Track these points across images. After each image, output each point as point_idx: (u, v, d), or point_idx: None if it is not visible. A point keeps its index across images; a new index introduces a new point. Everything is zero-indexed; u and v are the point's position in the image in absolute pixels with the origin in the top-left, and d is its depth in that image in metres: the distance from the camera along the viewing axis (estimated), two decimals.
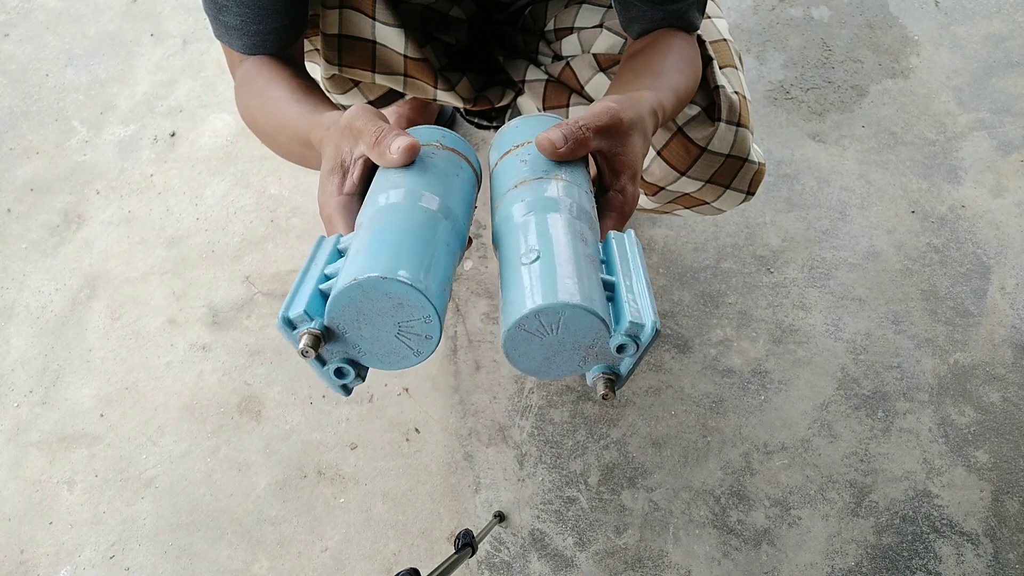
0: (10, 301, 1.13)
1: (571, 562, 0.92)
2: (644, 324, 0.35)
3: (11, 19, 1.44)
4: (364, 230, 0.39)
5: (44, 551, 0.95)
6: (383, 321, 0.36)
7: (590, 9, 0.76)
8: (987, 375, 1.03)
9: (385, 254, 0.36)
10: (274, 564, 0.93)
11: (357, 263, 0.35)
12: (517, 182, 0.43)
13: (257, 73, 0.60)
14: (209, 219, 1.19)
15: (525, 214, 0.40)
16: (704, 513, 0.95)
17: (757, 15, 1.39)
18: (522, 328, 0.35)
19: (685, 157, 0.70)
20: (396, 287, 0.34)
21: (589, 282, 0.36)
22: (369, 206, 0.41)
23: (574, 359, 0.37)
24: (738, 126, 0.70)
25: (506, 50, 0.84)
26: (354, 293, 0.34)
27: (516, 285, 0.36)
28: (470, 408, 1.02)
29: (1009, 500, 0.95)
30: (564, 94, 0.75)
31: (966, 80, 1.30)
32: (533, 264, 0.36)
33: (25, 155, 1.28)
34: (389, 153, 0.42)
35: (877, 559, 0.92)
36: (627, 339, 0.35)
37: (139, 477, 0.99)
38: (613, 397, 0.37)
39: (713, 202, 0.75)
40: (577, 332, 0.35)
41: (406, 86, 0.72)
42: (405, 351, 0.38)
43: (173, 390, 1.05)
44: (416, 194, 0.40)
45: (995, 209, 1.17)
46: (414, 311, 0.36)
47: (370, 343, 0.37)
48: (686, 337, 1.06)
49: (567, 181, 0.42)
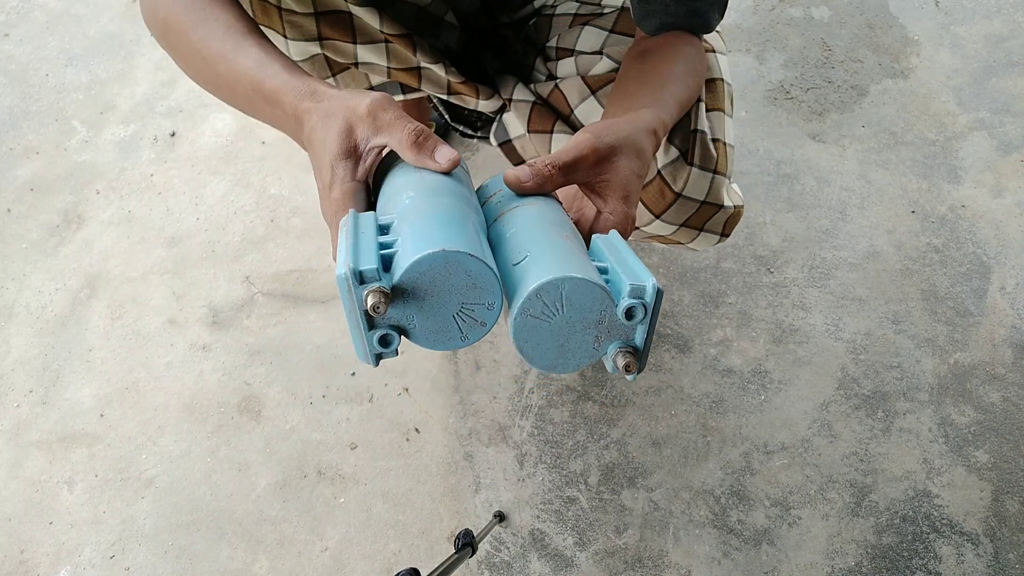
0: (10, 301, 1.13)
1: (571, 562, 0.92)
2: (645, 284, 0.36)
3: (11, 19, 1.45)
4: (426, 209, 0.39)
5: (44, 551, 0.95)
6: (450, 297, 0.36)
7: (593, 31, 0.74)
8: (987, 375, 1.03)
9: (464, 236, 0.36)
10: (274, 564, 0.93)
11: (438, 235, 0.35)
12: (497, 215, 0.45)
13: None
14: (209, 219, 1.19)
15: (510, 233, 0.41)
16: (704, 513, 0.95)
17: (757, 15, 1.39)
18: (527, 314, 0.35)
19: (660, 201, 0.70)
20: (477, 267, 0.35)
21: (581, 259, 0.37)
22: (413, 189, 0.41)
23: (587, 341, 0.38)
24: (714, 173, 0.70)
25: (501, 60, 0.82)
26: (437, 261, 0.34)
27: (513, 283, 0.37)
28: (470, 408, 1.02)
29: (1009, 500, 0.95)
30: (550, 120, 0.73)
31: (966, 80, 1.30)
32: (523, 261, 0.37)
33: (25, 155, 1.28)
34: (435, 161, 0.43)
35: (877, 559, 0.92)
36: (633, 301, 0.36)
37: (139, 477, 0.99)
38: (637, 371, 0.37)
39: (688, 243, 0.76)
40: (582, 307, 0.36)
41: (389, 55, 0.69)
42: (455, 332, 0.38)
43: (173, 390, 1.05)
44: (465, 198, 0.42)
45: (995, 209, 1.17)
46: (483, 295, 0.36)
47: (427, 315, 0.37)
48: (686, 337, 1.06)
49: (541, 204, 0.44)
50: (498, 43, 0.84)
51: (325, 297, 1.10)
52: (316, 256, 1.14)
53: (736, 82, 1.30)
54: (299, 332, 1.08)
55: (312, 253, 1.14)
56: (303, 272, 1.13)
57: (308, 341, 1.07)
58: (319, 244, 1.14)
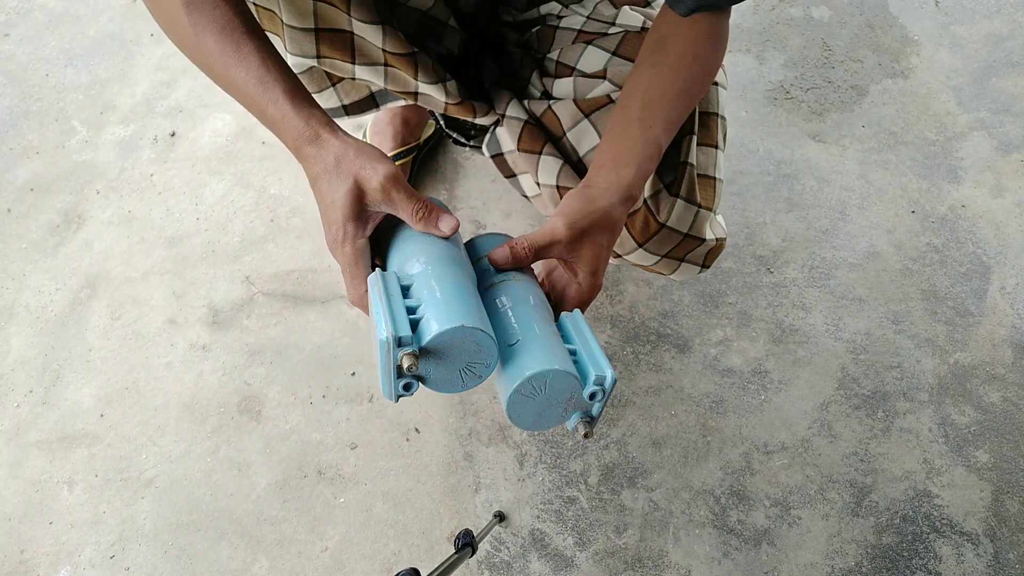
0: (10, 301, 1.13)
1: (571, 562, 0.92)
2: (606, 375, 0.48)
3: (11, 19, 1.45)
4: (440, 279, 0.49)
5: (44, 551, 0.95)
6: (459, 357, 0.47)
7: (596, 52, 0.73)
8: (987, 375, 1.03)
9: (476, 313, 0.47)
10: (274, 564, 0.93)
11: (456, 311, 0.46)
12: (488, 284, 0.55)
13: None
14: (209, 219, 1.19)
15: (502, 307, 0.53)
16: (704, 513, 0.95)
17: (757, 15, 1.39)
18: (520, 393, 0.47)
19: (645, 230, 0.71)
20: (483, 338, 0.46)
21: (560, 352, 0.49)
22: (424, 255, 0.52)
23: (558, 411, 0.50)
24: (699, 207, 0.70)
25: (499, 69, 0.81)
26: (456, 333, 0.45)
27: (507, 359, 0.49)
28: (470, 408, 1.02)
29: (1009, 500, 0.95)
30: (539, 141, 0.74)
31: (966, 80, 1.30)
32: (517, 345, 0.49)
33: (25, 155, 1.28)
34: (439, 229, 0.52)
35: (877, 559, 0.92)
36: (596, 387, 0.48)
37: (139, 477, 0.99)
38: (592, 435, 0.51)
39: (669, 275, 0.78)
40: (559, 389, 0.48)
41: (387, 78, 0.70)
42: (459, 382, 0.49)
43: (173, 390, 1.05)
44: (464, 263, 0.53)
45: (995, 209, 1.17)
46: (484, 356, 0.47)
47: (440, 370, 0.47)
48: (686, 337, 1.06)
49: (523, 280, 0.55)
50: (498, 44, 0.84)
51: (325, 297, 1.10)
52: (316, 256, 1.14)
53: (736, 82, 1.30)
54: (299, 332, 1.08)
55: (312, 253, 1.14)
56: (303, 272, 1.13)
57: (308, 341, 1.07)
58: (319, 244, 1.14)
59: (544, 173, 0.74)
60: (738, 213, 1.17)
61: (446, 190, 1.20)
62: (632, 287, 1.10)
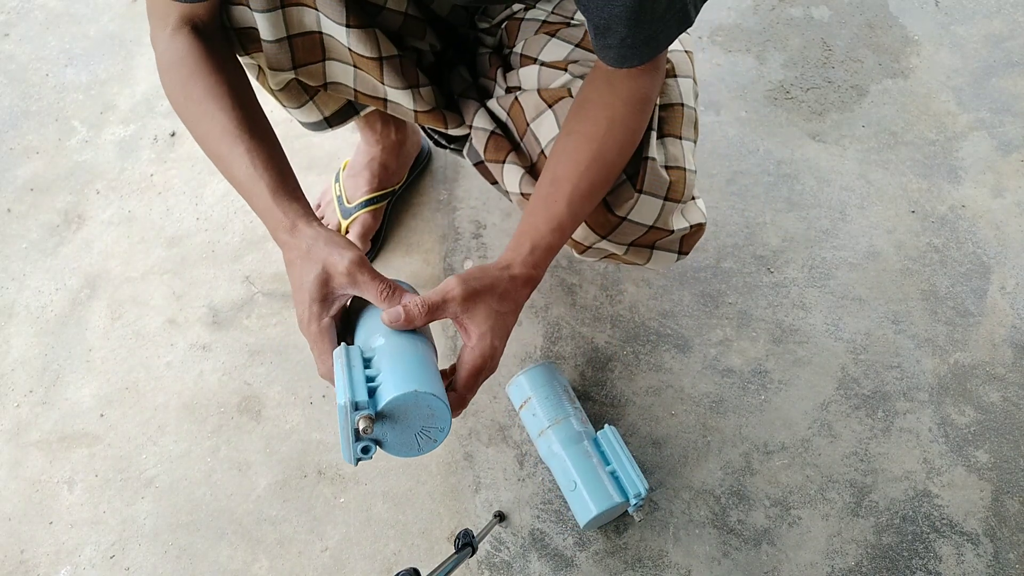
0: (10, 301, 1.13)
1: (571, 562, 0.92)
2: (642, 492, 0.82)
3: (11, 19, 1.45)
4: (396, 352, 0.53)
5: (44, 551, 0.95)
6: (414, 422, 0.50)
7: (559, 44, 0.74)
8: (987, 375, 1.03)
9: (428, 377, 0.51)
10: (274, 564, 0.93)
11: (411, 377, 0.50)
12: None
13: (186, 62, 0.61)
14: (209, 219, 1.19)
15: (553, 452, 0.87)
16: (704, 513, 0.95)
17: (757, 15, 1.39)
18: (589, 524, 0.82)
19: (605, 224, 0.72)
20: (436, 403, 0.49)
21: (612, 486, 0.84)
22: (381, 331, 0.56)
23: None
24: (665, 200, 0.70)
25: (472, 74, 0.82)
26: (409, 398, 0.48)
27: (575, 500, 0.85)
28: (470, 408, 1.02)
29: (1009, 500, 0.95)
30: (504, 150, 0.75)
31: (966, 80, 1.30)
32: (577, 489, 0.83)
33: (25, 155, 1.28)
34: (403, 311, 0.56)
35: (877, 559, 0.92)
36: (636, 500, 0.83)
37: (139, 477, 0.99)
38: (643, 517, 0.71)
39: (645, 264, 0.78)
40: (615, 510, 0.84)
41: (356, 80, 0.72)
42: (414, 447, 0.52)
43: (173, 390, 1.05)
44: (421, 337, 0.58)
45: (995, 209, 1.17)
46: (438, 421, 0.51)
47: (396, 434, 0.51)
48: (686, 337, 1.06)
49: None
50: (474, 51, 0.84)
51: None
52: None
53: (736, 82, 1.30)
54: (299, 332, 1.08)
55: None
56: None
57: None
58: None
59: (509, 181, 0.76)
60: (738, 213, 1.17)
61: (446, 190, 1.20)
62: (632, 287, 1.10)
